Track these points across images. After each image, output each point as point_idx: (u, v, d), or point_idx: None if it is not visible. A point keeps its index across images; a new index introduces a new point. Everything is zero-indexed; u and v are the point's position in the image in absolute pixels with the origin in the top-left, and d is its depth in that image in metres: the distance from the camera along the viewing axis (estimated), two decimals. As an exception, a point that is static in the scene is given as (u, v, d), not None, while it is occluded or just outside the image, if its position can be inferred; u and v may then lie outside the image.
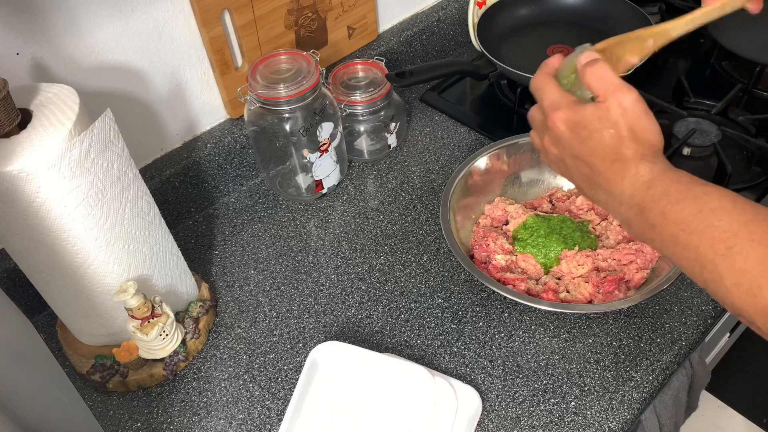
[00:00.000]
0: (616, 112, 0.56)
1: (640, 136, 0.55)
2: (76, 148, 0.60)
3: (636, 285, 0.79)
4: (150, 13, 0.82)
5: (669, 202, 0.52)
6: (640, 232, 0.55)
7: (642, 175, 0.54)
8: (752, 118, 1.00)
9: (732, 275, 0.47)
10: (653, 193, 0.53)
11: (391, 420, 0.71)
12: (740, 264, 0.47)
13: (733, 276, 0.47)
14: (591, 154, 0.57)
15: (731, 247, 0.47)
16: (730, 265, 0.47)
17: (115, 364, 0.76)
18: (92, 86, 0.81)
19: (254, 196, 1.00)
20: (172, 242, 0.78)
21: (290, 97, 0.84)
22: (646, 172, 0.54)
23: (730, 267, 0.47)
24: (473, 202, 0.89)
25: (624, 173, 0.55)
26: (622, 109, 0.56)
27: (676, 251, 0.52)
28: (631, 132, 0.55)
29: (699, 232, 0.49)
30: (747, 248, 0.47)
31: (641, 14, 1.08)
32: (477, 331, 0.80)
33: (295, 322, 0.83)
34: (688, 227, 0.50)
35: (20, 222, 0.63)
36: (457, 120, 1.08)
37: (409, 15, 1.17)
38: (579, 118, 0.57)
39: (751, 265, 0.47)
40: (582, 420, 0.71)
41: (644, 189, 0.54)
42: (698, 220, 0.50)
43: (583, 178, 0.59)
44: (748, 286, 0.47)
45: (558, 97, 0.59)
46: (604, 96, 0.56)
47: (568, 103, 0.58)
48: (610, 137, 0.55)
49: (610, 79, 0.57)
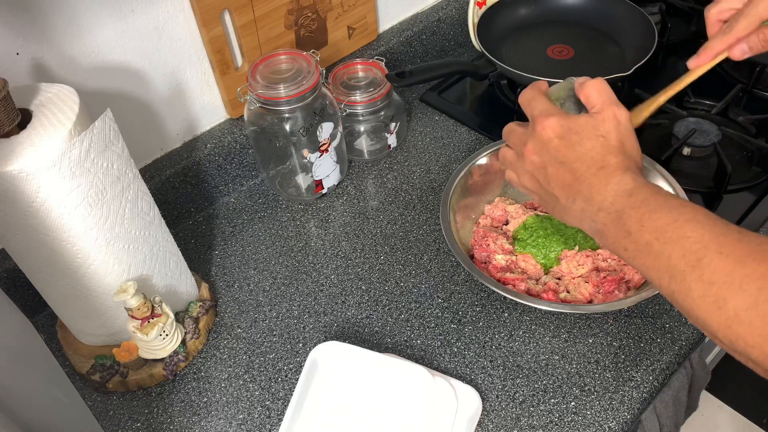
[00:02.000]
0: (611, 123, 0.58)
1: (627, 150, 0.58)
2: (76, 148, 0.60)
3: (636, 285, 0.79)
4: (150, 13, 0.82)
5: (647, 210, 0.53)
6: (613, 239, 0.56)
7: (626, 183, 0.56)
8: (752, 118, 1.00)
9: (699, 286, 0.48)
10: (634, 201, 0.54)
11: (391, 420, 0.71)
12: (708, 276, 0.48)
13: (700, 287, 0.48)
14: (577, 159, 0.58)
15: (701, 259, 0.48)
16: (698, 277, 0.48)
17: (115, 364, 0.76)
18: (92, 86, 0.81)
19: (254, 196, 1.00)
20: (172, 242, 0.78)
21: (290, 97, 0.84)
22: (629, 181, 0.56)
23: (699, 278, 0.48)
24: (473, 202, 0.89)
25: (609, 179, 0.57)
26: (617, 122, 0.58)
27: (648, 260, 0.53)
28: (621, 144, 0.58)
29: (672, 242, 0.51)
30: (715, 260, 0.48)
31: (641, 14, 1.08)
32: (477, 331, 0.80)
33: (295, 322, 0.83)
34: (662, 236, 0.51)
35: (20, 222, 0.63)
36: (457, 120, 1.08)
37: (409, 15, 1.17)
38: (572, 124, 0.59)
39: (717, 277, 0.47)
40: (582, 420, 0.71)
41: (626, 196, 0.55)
42: (673, 229, 0.51)
43: (562, 185, 0.60)
44: (714, 298, 0.47)
45: (549, 107, 0.61)
46: (601, 107, 0.59)
47: (560, 112, 0.61)
48: (600, 145, 0.58)
49: (609, 94, 0.60)
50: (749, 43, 0.63)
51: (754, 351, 0.46)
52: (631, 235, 0.54)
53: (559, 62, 1.08)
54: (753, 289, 0.46)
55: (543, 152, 0.61)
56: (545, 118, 0.60)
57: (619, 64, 1.06)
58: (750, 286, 0.46)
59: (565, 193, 0.60)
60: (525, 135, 0.62)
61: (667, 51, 1.16)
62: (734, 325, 0.46)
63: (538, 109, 0.61)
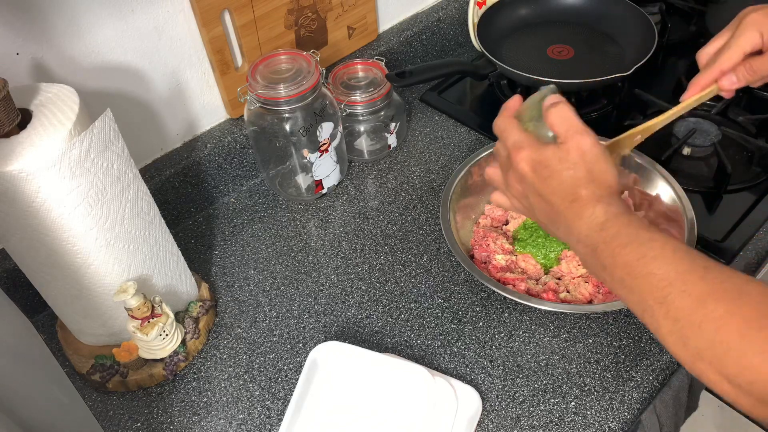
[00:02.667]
0: (575, 154, 0.58)
1: (597, 177, 0.58)
2: (76, 148, 0.60)
3: (636, 285, 0.79)
4: (150, 13, 0.82)
5: (618, 245, 0.54)
6: (594, 270, 0.58)
7: (597, 216, 0.56)
8: (752, 118, 1.00)
9: (667, 323, 0.50)
10: (605, 235, 0.55)
11: (391, 420, 0.71)
12: (673, 313, 0.49)
13: (667, 324, 0.50)
14: (552, 193, 0.59)
15: (666, 296, 0.49)
16: (665, 313, 0.50)
17: (115, 364, 0.76)
18: (92, 86, 0.81)
19: (254, 196, 1.00)
20: (172, 242, 0.78)
21: (290, 97, 0.84)
22: (601, 214, 0.56)
23: (665, 315, 0.50)
24: (473, 202, 0.89)
25: (581, 213, 0.57)
26: (581, 152, 0.58)
27: (623, 293, 0.54)
28: (589, 173, 0.58)
29: (641, 278, 0.51)
30: (678, 299, 0.49)
31: (641, 14, 1.08)
32: (477, 331, 0.80)
33: (295, 322, 0.83)
34: (632, 272, 0.52)
35: (20, 222, 0.63)
36: (457, 120, 1.08)
37: (409, 15, 1.17)
38: (541, 158, 0.60)
39: (681, 315, 0.48)
40: (582, 420, 0.71)
41: (598, 230, 0.56)
42: (641, 265, 0.52)
43: (545, 215, 0.61)
44: (679, 335, 0.49)
45: (521, 138, 0.62)
46: (565, 137, 0.59)
47: (531, 143, 0.61)
48: (569, 178, 0.58)
49: (572, 121, 0.59)
50: (737, 74, 0.65)
51: (717, 387, 0.48)
52: (606, 269, 0.55)
53: (559, 62, 1.08)
54: (710, 330, 0.47)
55: (523, 183, 0.62)
56: (518, 151, 0.61)
57: (619, 64, 1.06)
58: (708, 327, 0.47)
59: (549, 221, 0.62)
60: (508, 163, 0.63)
61: (667, 51, 1.16)
62: (697, 362, 0.48)
63: (511, 141, 0.62)
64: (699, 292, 0.48)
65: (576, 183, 0.58)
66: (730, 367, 0.46)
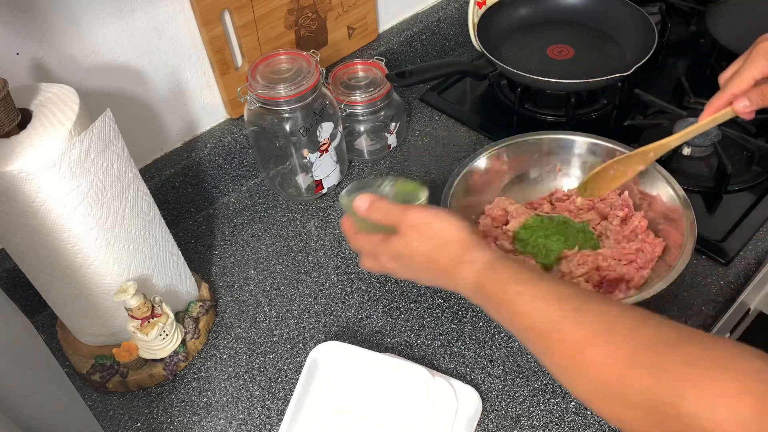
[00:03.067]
0: (412, 235, 0.60)
1: (442, 241, 0.59)
2: (76, 148, 0.60)
3: (636, 285, 0.79)
4: (150, 13, 0.82)
5: (495, 304, 0.56)
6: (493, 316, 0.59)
7: (468, 278, 0.58)
8: (752, 118, 1.00)
9: (557, 371, 0.52)
10: (482, 296, 0.57)
11: (391, 420, 0.71)
12: (557, 362, 0.51)
13: (557, 372, 0.52)
14: (423, 271, 0.62)
15: (548, 348, 0.52)
16: (551, 362, 0.52)
17: (115, 364, 0.76)
18: (92, 86, 0.81)
19: (254, 196, 1.00)
20: (172, 242, 0.78)
21: (290, 97, 0.84)
22: (469, 275, 0.58)
23: (552, 364, 0.52)
24: (473, 202, 0.89)
25: (455, 279, 0.59)
26: (415, 230, 0.60)
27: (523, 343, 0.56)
28: (435, 242, 0.59)
29: (524, 332, 0.54)
30: (558, 349, 0.51)
31: (641, 14, 1.08)
32: (477, 331, 0.80)
33: (295, 322, 0.83)
34: (515, 328, 0.55)
35: (20, 222, 0.63)
36: (457, 120, 1.08)
37: (409, 15, 1.17)
38: (394, 251, 0.62)
39: (566, 363, 0.51)
40: (582, 420, 0.71)
41: (474, 291, 0.58)
42: (518, 322, 0.54)
43: (434, 283, 0.63)
44: (570, 381, 0.51)
45: (371, 245, 0.64)
46: (398, 226, 0.61)
47: (380, 243, 0.63)
48: (424, 256, 0.60)
49: (391, 209, 0.62)
50: (750, 97, 0.68)
51: (605, 418, 0.50)
52: (497, 316, 0.57)
53: (559, 62, 1.08)
54: (593, 376, 0.48)
55: (398, 271, 0.64)
56: (375, 257, 0.64)
57: (619, 64, 1.06)
58: (590, 373, 0.49)
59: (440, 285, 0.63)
60: (378, 263, 0.65)
61: (667, 51, 1.16)
62: (588, 403, 0.50)
63: (366, 250, 0.65)
64: (575, 339, 0.50)
65: (432, 257, 0.59)
66: (617, 406, 0.47)
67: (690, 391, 0.42)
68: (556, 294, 0.53)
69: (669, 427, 0.43)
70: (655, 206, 0.85)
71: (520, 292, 0.54)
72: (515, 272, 0.55)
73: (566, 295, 0.52)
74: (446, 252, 0.59)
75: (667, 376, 0.44)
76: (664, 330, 0.48)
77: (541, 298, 0.53)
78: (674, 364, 0.44)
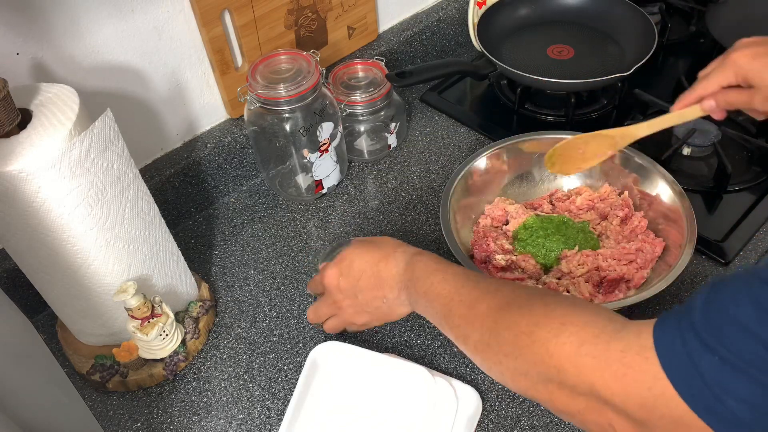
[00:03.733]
0: (345, 264, 0.71)
1: (377, 242, 0.71)
2: (76, 148, 0.60)
3: (636, 285, 0.79)
4: (150, 13, 0.82)
5: (416, 280, 0.65)
6: (411, 306, 0.68)
7: (399, 262, 0.67)
8: (752, 118, 1.00)
9: (452, 332, 0.62)
10: (410, 272, 0.66)
11: (391, 420, 0.71)
12: (455, 321, 0.60)
13: (453, 332, 0.61)
14: (364, 281, 0.69)
15: (450, 310, 0.61)
16: (451, 324, 0.61)
17: (115, 364, 0.76)
18: (92, 86, 0.81)
19: (254, 196, 1.00)
20: (172, 242, 0.78)
21: (290, 97, 0.84)
22: (401, 259, 0.67)
23: (452, 326, 0.61)
24: (473, 202, 0.89)
25: (388, 265, 0.68)
26: (352, 250, 0.70)
27: (431, 319, 0.65)
28: (372, 244, 0.71)
29: (434, 300, 0.63)
30: (456, 307, 0.60)
31: (641, 14, 1.08)
32: (477, 331, 0.80)
33: (295, 322, 0.83)
34: (429, 298, 0.64)
35: (20, 222, 0.63)
36: (457, 120, 1.08)
37: (409, 15, 1.17)
38: (341, 284, 0.71)
39: (460, 321, 0.60)
40: (582, 420, 0.71)
41: (405, 267, 0.67)
42: (433, 292, 0.63)
43: (370, 289, 0.69)
44: (462, 336, 0.60)
45: (318, 278, 0.75)
46: (328, 289, 0.72)
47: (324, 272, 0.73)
48: (367, 253, 0.70)
49: (321, 278, 0.73)
50: (717, 100, 0.73)
51: (490, 374, 0.59)
52: (417, 304, 0.66)
53: (559, 62, 1.08)
54: (480, 326, 0.57)
55: (342, 289, 0.71)
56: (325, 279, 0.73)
57: (619, 64, 1.06)
58: (477, 324, 0.57)
59: (372, 292, 0.70)
60: (327, 295, 0.73)
61: (667, 51, 1.16)
62: (477, 354, 0.58)
63: (316, 283, 0.76)
64: (470, 298, 0.59)
65: (372, 252, 0.69)
66: (493, 350, 0.56)
67: (543, 320, 0.52)
68: (464, 273, 0.63)
69: (527, 353, 0.52)
70: (655, 206, 0.85)
71: (438, 269, 0.64)
72: (436, 259, 0.66)
73: (471, 275, 0.63)
74: (384, 244, 0.70)
75: (530, 313, 0.54)
76: (543, 291, 0.62)
77: (453, 273, 0.63)
78: (538, 306, 0.54)
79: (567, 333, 0.50)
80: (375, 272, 0.68)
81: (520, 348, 0.53)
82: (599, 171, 0.90)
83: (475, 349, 0.58)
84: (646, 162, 0.86)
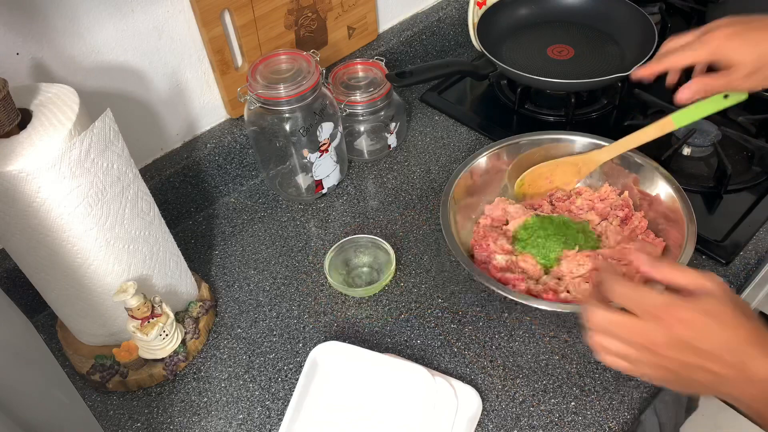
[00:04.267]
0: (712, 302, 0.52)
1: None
2: (76, 148, 0.60)
3: (636, 285, 0.79)
4: (150, 13, 0.82)
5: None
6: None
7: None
8: (752, 118, 1.00)
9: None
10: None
11: (391, 420, 0.71)
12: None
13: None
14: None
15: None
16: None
17: (115, 364, 0.76)
18: (92, 86, 0.81)
19: (254, 196, 1.00)
20: (172, 242, 0.78)
21: (290, 97, 0.84)
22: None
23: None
24: (473, 202, 0.89)
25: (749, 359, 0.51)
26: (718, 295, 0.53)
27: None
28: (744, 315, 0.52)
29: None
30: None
31: (641, 14, 1.08)
32: (477, 331, 0.80)
33: (295, 322, 0.83)
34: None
35: (20, 222, 0.63)
36: (457, 120, 1.08)
37: (409, 15, 1.17)
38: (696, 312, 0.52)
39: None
40: (582, 420, 0.71)
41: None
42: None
43: (710, 376, 0.52)
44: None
45: (665, 297, 0.54)
46: (695, 288, 0.54)
47: (675, 299, 0.53)
48: (730, 328, 0.52)
49: (689, 273, 0.55)
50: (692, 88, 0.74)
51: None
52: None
53: (559, 62, 1.08)
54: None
55: (678, 347, 0.53)
56: (667, 309, 0.53)
57: (619, 64, 1.06)
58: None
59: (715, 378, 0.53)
60: (654, 329, 0.53)
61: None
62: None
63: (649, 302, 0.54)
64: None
65: (742, 331, 0.51)
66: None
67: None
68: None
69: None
70: (655, 206, 0.85)
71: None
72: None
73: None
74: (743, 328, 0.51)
75: None
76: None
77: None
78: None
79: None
80: (737, 362, 0.50)
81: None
82: (599, 171, 0.90)
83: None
84: (646, 162, 0.86)
